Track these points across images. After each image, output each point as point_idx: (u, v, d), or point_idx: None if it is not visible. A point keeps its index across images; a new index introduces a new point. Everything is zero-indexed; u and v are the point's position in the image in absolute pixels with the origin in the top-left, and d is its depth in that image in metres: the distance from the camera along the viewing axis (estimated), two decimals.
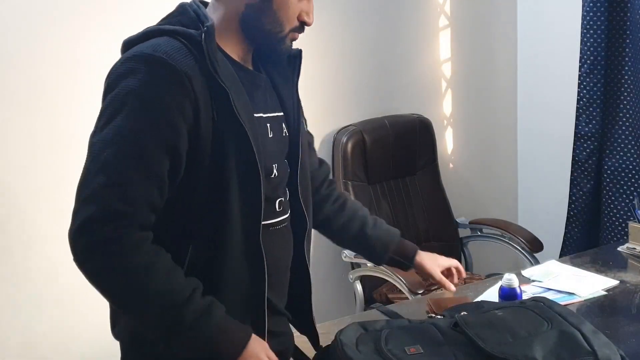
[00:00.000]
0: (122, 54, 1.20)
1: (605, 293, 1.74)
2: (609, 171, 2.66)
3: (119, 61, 1.17)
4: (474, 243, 2.75)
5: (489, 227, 2.68)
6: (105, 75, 1.18)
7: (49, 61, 2.05)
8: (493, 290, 1.72)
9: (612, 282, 1.79)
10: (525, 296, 1.60)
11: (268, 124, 1.29)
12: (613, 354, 1.17)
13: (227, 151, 1.17)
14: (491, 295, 1.70)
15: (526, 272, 1.89)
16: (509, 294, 1.54)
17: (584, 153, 2.69)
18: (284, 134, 1.34)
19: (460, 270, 1.63)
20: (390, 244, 1.58)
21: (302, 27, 1.28)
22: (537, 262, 2.33)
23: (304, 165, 1.37)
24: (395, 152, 2.63)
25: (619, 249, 2.10)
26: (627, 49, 2.55)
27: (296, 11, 1.25)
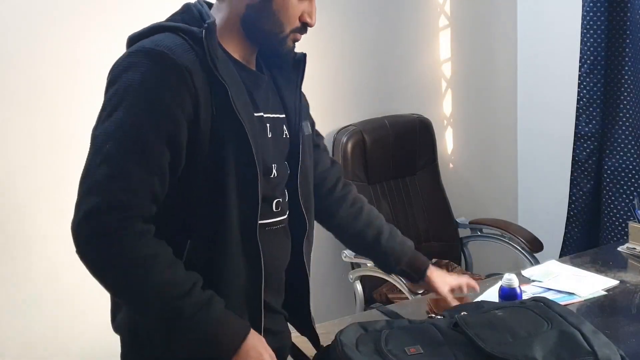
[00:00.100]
0: (126, 50, 1.22)
1: (605, 293, 1.74)
2: (609, 171, 2.66)
3: (122, 56, 1.19)
4: (474, 243, 2.75)
5: (489, 227, 2.68)
6: (105, 76, 1.20)
7: (49, 61, 2.05)
8: (493, 290, 1.72)
9: (612, 282, 1.79)
10: (525, 296, 1.60)
11: (268, 124, 1.29)
12: (613, 354, 1.17)
13: (225, 147, 1.18)
14: (491, 295, 1.70)
15: (526, 272, 1.89)
16: (509, 294, 1.54)
17: (584, 153, 2.69)
18: (285, 136, 1.35)
19: (473, 287, 1.60)
20: (404, 256, 1.56)
21: (305, 28, 1.29)
22: (537, 262, 2.33)
23: (304, 168, 1.37)
24: (395, 152, 2.63)
25: (619, 249, 2.10)
26: (627, 49, 2.55)
27: (297, 12, 1.26)
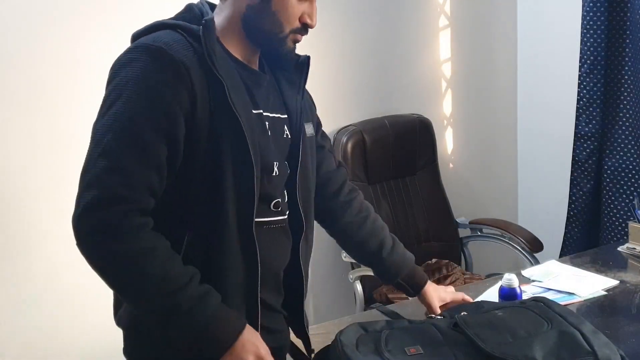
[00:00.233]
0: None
1: (605, 293, 1.74)
2: (609, 171, 2.66)
3: (122, 52, 1.21)
4: (474, 243, 2.75)
5: (489, 227, 2.67)
6: (105, 76, 1.22)
7: (49, 61, 2.05)
8: (493, 290, 1.72)
9: (612, 282, 1.79)
10: (525, 296, 1.60)
11: (267, 122, 1.30)
12: (613, 354, 1.17)
13: (222, 143, 1.19)
14: (491, 295, 1.71)
15: (526, 272, 1.89)
16: (509, 294, 1.54)
17: (584, 153, 2.69)
18: (285, 136, 1.35)
19: (467, 302, 1.60)
20: (403, 270, 1.57)
21: (305, 29, 1.30)
22: (537, 262, 2.32)
23: (304, 169, 1.38)
24: (395, 152, 2.63)
25: (619, 249, 2.10)
26: (627, 49, 2.55)
27: (297, 13, 1.27)
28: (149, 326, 1.23)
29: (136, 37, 1.24)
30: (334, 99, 2.65)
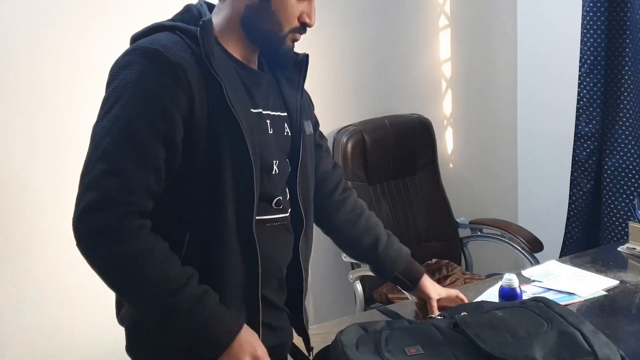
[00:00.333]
0: None
1: (605, 293, 1.74)
2: (609, 171, 2.66)
3: (121, 54, 1.22)
4: (474, 243, 2.75)
5: (489, 227, 2.67)
6: (105, 76, 1.23)
7: (49, 61, 2.05)
8: (493, 290, 1.72)
9: (612, 282, 1.79)
10: (525, 296, 1.60)
11: (268, 121, 1.31)
12: (613, 354, 1.17)
13: (221, 143, 1.20)
14: (491, 295, 1.70)
15: (526, 272, 1.89)
16: (509, 294, 1.54)
17: (584, 153, 2.69)
18: (286, 134, 1.36)
19: (462, 300, 1.61)
20: (399, 264, 1.59)
21: (304, 28, 1.30)
22: (537, 262, 2.32)
23: (304, 166, 1.39)
24: (395, 152, 2.63)
25: (619, 249, 2.10)
26: (627, 49, 2.55)
27: (296, 12, 1.27)
28: (150, 325, 1.23)
29: (135, 39, 1.24)
30: (334, 99, 2.65)
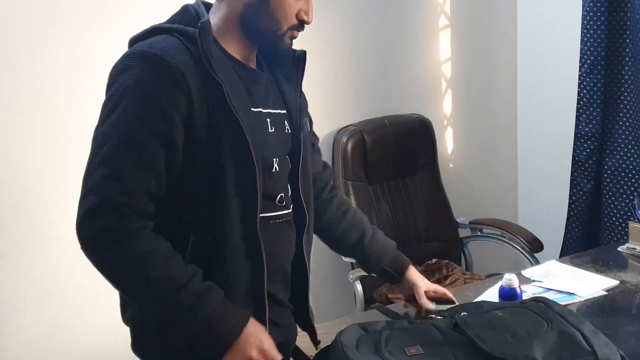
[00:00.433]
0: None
1: (605, 293, 1.74)
2: (609, 171, 2.66)
3: (119, 58, 1.22)
4: (474, 243, 2.75)
5: (489, 227, 2.67)
6: (105, 76, 1.24)
7: (49, 61, 2.05)
8: (493, 290, 1.72)
9: (612, 282, 1.79)
10: (525, 296, 1.60)
11: (268, 119, 1.31)
12: (613, 354, 1.17)
13: (223, 144, 1.20)
14: (491, 295, 1.70)
15: (526, 272, 1.89)
16: (509, 294, 1.54)
17: (584, 153, 2.69)
18: (287, 131, 1.37)
19: (450, 298, 1.60)
20: (385, 256, 1.60)
21: (302, 26, 1.31)
22: (537, 262, 2.32)
23: (305, 162, 1.40)
24: (395, 152, 2.63)
25: (619, 249, 2.10)
26: (627, 49, 2.55)
27: (294, 10, 1.28)
28: (155, 324, 1.24)
29: (133, 42, 1.25)
30: (334, 99, 2.65)
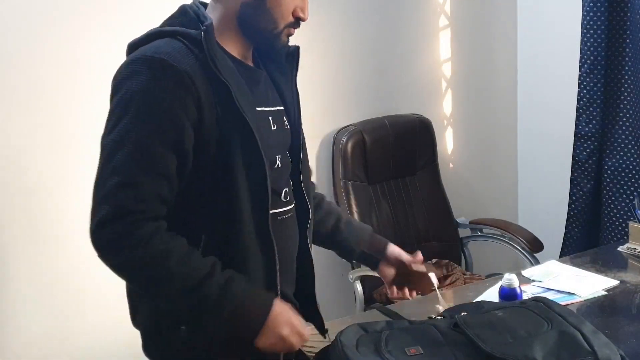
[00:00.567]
0: (126, 56, 1.25)
1: (605, 293, 1.74)
2: (609, 171, 2.66)
3: (123, 64, 1.21)
4: (474, 243, 2.75)
5: (489, 227, 2.67)
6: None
7: (49, 61, 2.05)
8: (493, 290, 1.72)
9: (612, 282, 1.79)
10: (525, 296, 1.60)
11: (270, 117, 1.33)
12: (613, 354, 1.17)
13: (232, 144, 1.21)
14: (491, 295, 1.70)
15: (526, 272, 1.89)
16: (509, 294, 1.54)
17: (584, 153, 2.69)
18: (286, 127, 1.38)
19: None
20: (363, 237, 1.59)
21: (298, 23, 1.32)
22: (537, 262, 2.32)
23: (305, 157, 1.42)
24: (395, 152, 2.63)
25: (619, 249, 2.10)
26: (627, 49, 2.55)
27: (290, 7, 1.28)
28: (168, 326, 1.25)
29: (133, 46, 1.24)
30: (334, 99, 2.65)
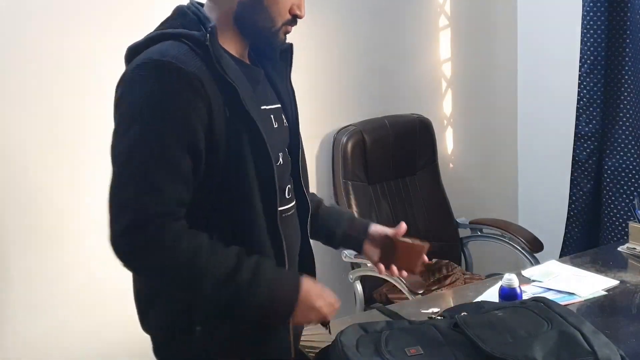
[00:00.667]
0: (126, 61, 1.24)
1: (605, 293, 1.74)
2: (609, 171, 2.66)
3: (129, 69, 1.19)
4: (474, 243, 2.75)
5: (489, 227, 2.67)
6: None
7: (49, 61, 2.05)
8: (493, 290, 1.72)
9: (612, 282, 1.79)
10: (525, 296, 1.60)
11: (271, 115, 1.33)
12: (613, 354, 1.17)
13: (242, 144, 1.21)
14: (491, 295, 1.71)
15: (526, 272, 1.89)
16: (509, 294, 1.54)
17: (584, 153, 2.69)
18: (285, 125, 1.38)
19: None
20: (342, 221, 1.57)
21: (295, 20, 1.31)
22: (537, 262, 2.33)
23: (302, 154, 1.43)
24: (395, 152, 2.63)
25: (619, 249, 2.10)
26: (627, 49, 2.55)
27: (287, 5, 1.28)
28: (183, 328, 1.25)
29: (134, 50, 1.22)
30: (334, 99, 2.65)
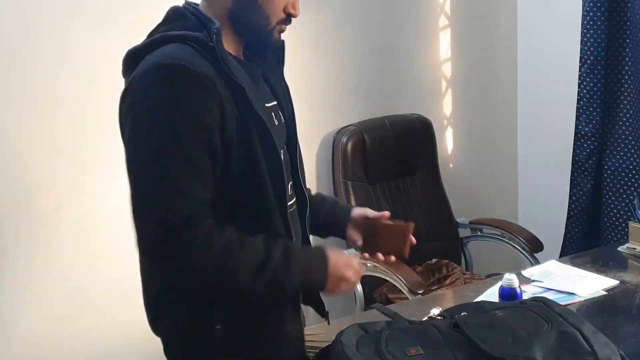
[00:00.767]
0: (126, 65, 1.24)
1: (605, 293, 1.74)
2: (609, 171, 2.66)
3: (138, 75, 1.18)
4: (474, 243, 2.75)
5: (489, 227, 2.68)
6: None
7: (49, 61, 2.05)
8: (493, 290, 1.72)
9: (612, 282, 1.79)
10: (525, 296, 1.60)
11: (272, 113, 1.34)
12: (613, 354, 1.17)
13: (252, 142, 1.21)
14: (491, 295, 1.71)
15: (526, 272, 1.89)
16: (509, 294, 1.54)
17: (584, 153, 2.69)
18: (283, 122, 1.39)
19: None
20: (323, 206, 1.55)
21: (289, 19, 1.31)
22: (537, 262, 2.33)
23: (300, 151, 1.43)
24: (395, 152, 2.63)
25: (619, 249, 2.10)
26: (627, 49, 2.54)
27: (281, 4, 1.28)
28: (201, 328, 1.24)
29: (135, 54, 1.22)
30: (334, 99, 2.65)
